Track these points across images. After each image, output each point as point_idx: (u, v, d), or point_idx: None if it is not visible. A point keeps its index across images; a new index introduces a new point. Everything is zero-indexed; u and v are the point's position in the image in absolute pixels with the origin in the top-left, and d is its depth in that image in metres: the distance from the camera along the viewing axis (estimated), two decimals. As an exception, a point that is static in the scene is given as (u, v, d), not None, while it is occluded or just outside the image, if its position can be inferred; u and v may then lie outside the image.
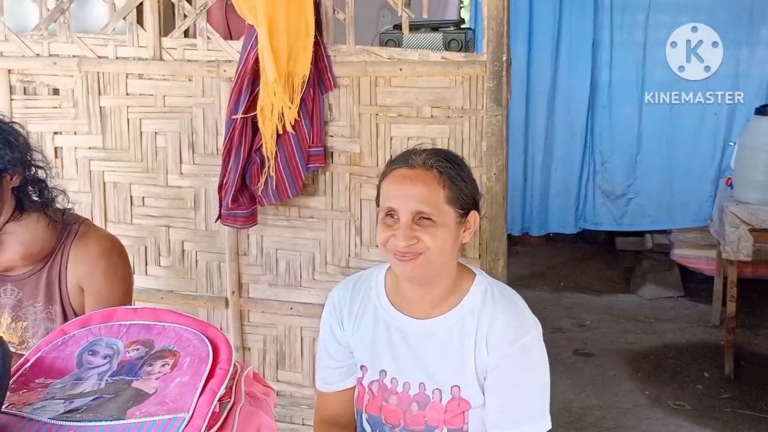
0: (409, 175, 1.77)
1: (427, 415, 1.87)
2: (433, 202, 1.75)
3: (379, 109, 2.80)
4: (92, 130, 3.04)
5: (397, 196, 1.77)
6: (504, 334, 1.81)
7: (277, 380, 3.06)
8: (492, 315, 1.83)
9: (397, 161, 1.84)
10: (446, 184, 1.77)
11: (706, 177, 5.75)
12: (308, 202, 2.92)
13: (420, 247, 1.75)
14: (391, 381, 1.90)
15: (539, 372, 1.83)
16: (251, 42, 2.71)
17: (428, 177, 1.76)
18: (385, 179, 1.83)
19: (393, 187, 1.79)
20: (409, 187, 1.76)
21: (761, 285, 5.10)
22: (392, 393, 1.90)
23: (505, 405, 1.80)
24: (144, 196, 3.06)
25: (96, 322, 1.55)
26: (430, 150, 1.84)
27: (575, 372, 4.27)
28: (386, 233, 1.78)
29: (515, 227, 6.06)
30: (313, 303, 2.96)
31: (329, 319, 2.00)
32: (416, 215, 1.75)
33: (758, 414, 3.77)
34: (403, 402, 1.89)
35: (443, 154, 1.84)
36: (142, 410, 1.31)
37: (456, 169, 1.80)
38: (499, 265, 2.72)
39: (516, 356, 1.80)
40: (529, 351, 1.81)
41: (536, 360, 1.83)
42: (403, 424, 1.90)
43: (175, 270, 3.09)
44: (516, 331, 1.81)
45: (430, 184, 1.76)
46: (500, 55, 2.64)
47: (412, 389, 1.88)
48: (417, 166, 1.78)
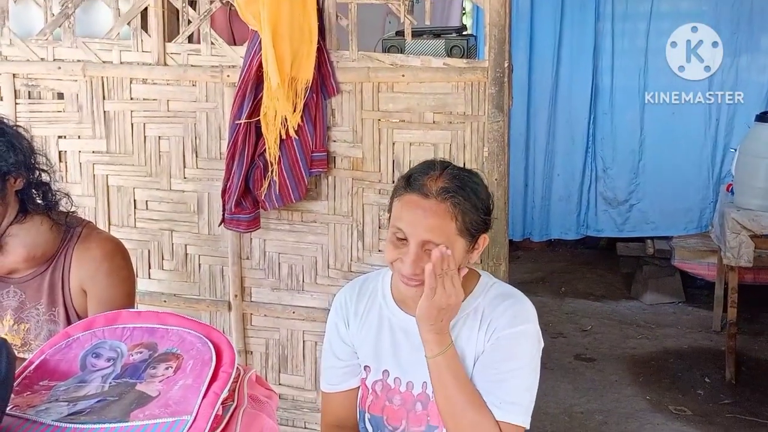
0: (423, 205, 1.76)
1: (429, 414, 1.89)
2: (443, 235, 1.75)
3: (381, 114, 2.81)
4: (96, 135, 3.06)
5: (408, 222, 1.76)
6: (499, 321, 1.84)
7: (279, 384, 3.07)
8: (493, 307, 1.86)
9: (413, 184, 1.79)
10: (458, 217, 1.76)
11: (707, 183, 5.76)
12: (311, 207, 2.93)
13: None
14: (395, 381, 1.92)
15: (527, 364, 1.84)
16: (255, 47, 2.72)
17: (441, 210, 1.75)
18: (398, 200, 1.81)
19: (404, 212, 1.78)
20: (421, 218, 1.75)
21: (762, 291, 5.11)
22: (396, 393, 1.92)
23: (490, 384, 1.81)
24: (147, 200, 3.07)
25: (100, 325, 1.56)
26: (448, 175, 1.79)
27: (576, 377, 4.27)
28: (394, 254, 1.79)
29: (516, 233, 6.08)
30: (315, 307, 2.97)
31: (335, 319, 2.02)
32: (425, 244, 1.76)
33: (759, 420, 3.78)
34: (407, 402, 1.91)
35: (461, 181, 1.79)
36: (145, 413, 1.33)
37: (471, 200, 1.78)
38: (500, 270, 2.73)
39: (507, 340, 1.82)
40: (520, 340, 1.83)
41: (524, 351, 1.84)
42: (405, 425, 1.91)
43: (178, 273, 3.10)
44: (513, 319, 1.83)
45: (442, 218, 1.75)
46: (502, 61, 2.65)
47: (416, 389, 1.90)
48: (431, 196, 1.75)
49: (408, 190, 1.80)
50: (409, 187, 1.80)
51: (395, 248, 1.79)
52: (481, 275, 1.94)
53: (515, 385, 1.81)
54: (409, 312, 1.90)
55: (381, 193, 2.85)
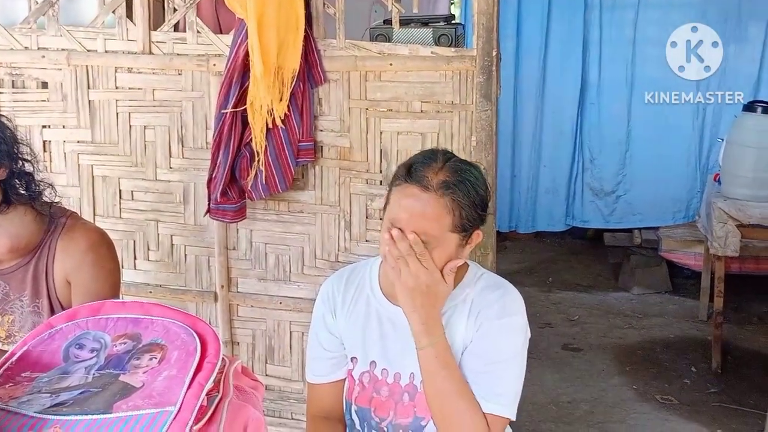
0: (421, 198, 1.74)
1: (417, 406, 1.88)
2: (438, 230, 1.74)
3: (368, 103, 2.80)
4: (81, 124, 3.03)
5: (404, 214, 1.75)
6: (487, 312, 1.83)
7: (266, 374, 3.06)
8: (481, 297, 1.86)
9: (413, 176, 1.77)
10: (456, 212, 1.75)
11: (694, 173, 5.77)
12: (297, 197, 2.92)
13: None
14: (382, 372, 1.91)
15: (515, 355, 1.83)
16: (241, 36, 2.70)
17: (439, 205, 1.74)
18: (397, 190, 1.79)
19: (402, 202, 1.76)
20: (418, 211, 1.74)
21: (748, 280, 5.13)
22: (383, 384, 1.91)
23: (475, 379, 1.80)
24: (133, 190, 3.05)
25: (83, 316, 1.55)
26: (450, 169, 1.77)
27: (564, 366, 4.28)
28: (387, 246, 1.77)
29: (503, 224, 6.07)
30: (302, 297, 2.96)
31: (322, 309, 2.01)
32: (419, 235, 1.74)
33: (744, 408, 3.79)
34: (395, 393, 1.90)
35: (461, 175, 1.77)
36: (128, 404, 1.32)
37: (470, 196, 1.76)
38: (488, 260, 2.73)
39: (496, 332, 1.81)
40: (508, 332, 1.83)
41: (512, 343, 1.83)
42: (392, 416, 1.90)
43: (164, 264, 3.08)
44: (501, 310, 1.83)
45: (439, 213, 1.74)
46: (490, 50, 2.64)
47: (403, 380, 1.89)
48: (430, 189, 1.74)
49: (408, 180, 1.77)
50: (410, 177, 1.77)
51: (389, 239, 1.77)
52: (469, 265, 1.94)
53: (503, 377, 1.80)
54: (396, 303, 1.89)
55: (368, 182, 2.83)
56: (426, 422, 1.88)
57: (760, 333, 4.68)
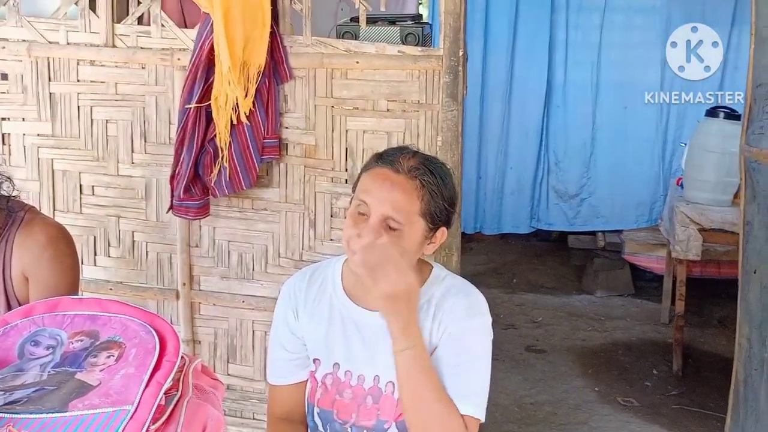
0: (391, 178, 1.75)
1: (380, 408, 1.86)
2: (406, 212, 1.74)
3: (334, 101, 2.78)
4: (41, 117, 2.98)
5: (373, 194, 1.75)
6: (453, 314, 1.82)
7: (228, 374, 3.03)
8: (445, 299, 1.85)
9: (384, 159, 1.79)
10: (425, 197, 1.75)
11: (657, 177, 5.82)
12: (262, 194, 2.89)
13: None
14: (345, 374, 1.89)
15: (482, 356, 1.82)
16: (206, 30, 2.67)
17: (409, 186, 1.74)
18: (367, 173, 1.80)
19: (372, 184, 1.76)
20: (387, 191, 1.74)
21: (709, 284, 5.18)
22: (346, 386, 1.89)
23: (445, 383, 1.78)
24: (94, 185, 3.00)
25: (39, 312, 1.52)
26: (421, 158, 1.80)
27: (527, 368, 4.29)
28: (352, 230, 1.75)
29: (469, 226, 6.08)
30: (265, 296, 2.93)
31: (284, 309, 1.97)
32: (386, 219, 1.73)
33: (704, 411, 3.83)
34: (358, 396, 1.88)
35: (431, 165, 1.80)
36: (84, 402, 1.29)
37: (439, 186, 1.77)
38: (452, 261, 2.72)
39: (461, 334, 1.81)
40: (474, 334, 1.82)
41: (480, 343, 1.83)
42: (354, 419, 1.88)
43: (125, 261, 3.03)
44: (465, 312, 1.82)
45: (408, 194, 1.74)
46: (457, 50, 2.64)
47: (367, 382, 1.87)
48: (401, 171, 1.75)
49: (379, 163, 1.79)
50: (381, 160, 1.80)
51: (354, 224, 1.76)
52: (433, 266, 1.93)
53: (472, 379, 1.80)
54: (360, 304, 1.88)
55: (333, 181, 2.82)
56: (389, 426, 1.86)
57: (720, 336, 4.73)
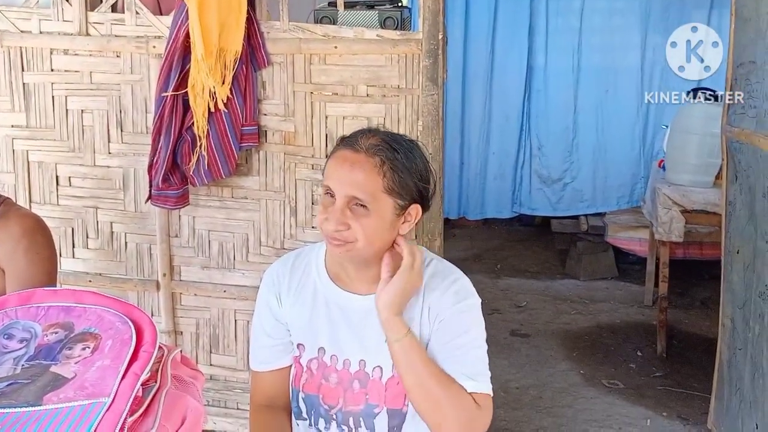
0: (351, 158, 1.73)
1: (368, 393, 1.84)
2: (369, 190, 1.71)
3: (313, 87, 2.75)
4: (15, 108, 2.93)
5: (335, 177, 1.73)
6: (443, 300, 1.81)
7: (210, 364, 3.00)
8: (432, 285, 1.82)
9: (345, 142, 1.78)
10: (387, 174, 1.72)
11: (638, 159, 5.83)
12: (241, 183, 2.86)
13: (349, 235, 1.72)
14: (331, 358, 1.87)
15: (479, 333, 1.82)
16: (181, 17, 2.63)
17: (369, 164, 1.72)
18: (331, 158, 1.79)
19: (333, 168, 1.75)
20: (348, 171, 1.72)
21: (692, 265, 5.20)
22: (332, 371, 1.87)
23: (446, 361, 1.77)
24: (70, 176, 2.96)
25: (12, 305, 1.48)
26: (382, 135, 1.78)
27: (512, 352, 4.29)
28: (322, 215, 1.74)
29: (452, 211, 6.08)
30: (246, 285, 2.90)
31: (267, 295, 1.95)
32: (350, 200, 1.72)
33: (688, 391, 3.84)
34: (344, 380, 1.86)
35: (393, 141, 1.77)
36: (59, 395, 1.25)
37: (401, 160, 1.74)
38: (435, 246, 2.70)
39: (454, 317, 1.79)
40: (467, 314, 1.81)
41: (474, 322, 1.82)
42: (341, 404, 1.86)
43: (104, 252, 3.00)
44: (454, 296, 1.81)
45: (369, 172, 1.71)
46: (436, 33, 2.61)
47: (353, 366, 1.85)
48: (360, 150, 1.73)
49: (340, 146, 1.78)
50: (342, 143, 1.78)
51: (324, 209, 1.75)
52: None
53: (476, 356, 1.79)
54: (345, 288, 1.86)
55: (314, 168, 2.79)
56: (380, 410, 1.84)
57: (703, 317, 4.75)
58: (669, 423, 3.58)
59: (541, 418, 3.61)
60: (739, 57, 2.91)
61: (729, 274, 3.04)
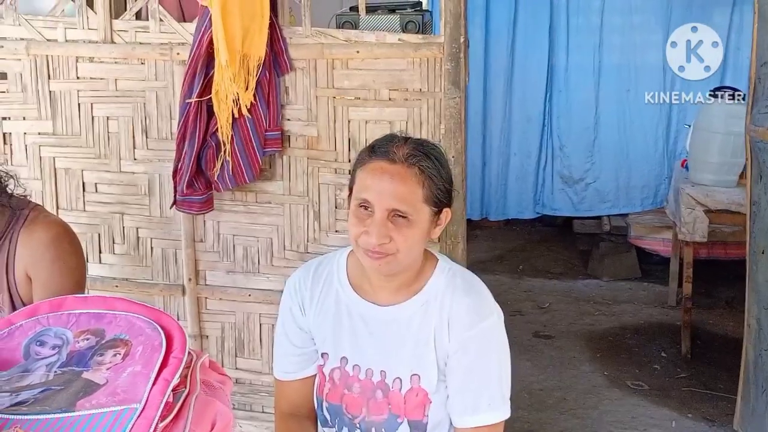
0: (390, 170, 1.71)
1: (391, 403, 1.84)
2: (411, 201, 1.71)
3: (336, 92, 2.76)
4: (42, 116, 2.96)
5: (375, 190, 1.71)
6: (464, 319, 1.79)
7: (236, 368, 3.02)
8: (453, 300, 1.81)
9: (378, 152, 1.75)
10: (425, 183, 1.72)
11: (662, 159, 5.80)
12: (265, 187, 2.87)
13: (391, 247, 1.71)
14: (353, 368, 1.87)
15: (499, 358, 1.80)
16: (205, 24, 2.65)
17: (408, 175, 1.71)
18: (363, 168, 1.76)
19: (371, 180, 1.73)
20: (388, 183, 1.70)
21: (716, 265, 5.17)
22: (355, 380, 1.86)
23: (464, 390, 1.78)
24: (96, 183, 2.99)
25: (44, 312, 1.51)
26: (413, 143, 1.76)
27: (535, 354, 4.29)
28: (359, 228, 1.73)
29: (474, 212, 6.08)
30: (271, 289, 2.92)
31: (289, 303, 1.94)
32: (391, 212, 1.71)
33: (714, 392, 3.82)
34: (367, 390, 1.85)
35: (425, 149, 1.77)
36: (92, 401, 1.28)
37: (436, 168, 1.75)
38: (458, 249, 2.71)
39: (475, 341, 1.78)
40: (488, 336, 1.79)
41: (496, 346, 1.81)
42: (365, 414, 1.86)
43: (130, 258, 3.03)
44: (476, 315, 1.79)
45: (409, 183, 1.71)
46: (458, 36, 2.61)
47: (375, 376, 1.85)
48: (398, 161, 1.71)
49: (373, 157, 1.75)
50: (374, 154, 1.75)
51: (360, 222, 1.73)
52: (438, 260, 1.89)
53: (490, 385, 1.78)
54: (366, 298, 1.86)
55: (337, 172, 2.80)
56: (401, 420, 1.84)
57: (728, 318, 4.72)
58: (694, 424, 3.56)
59: (565, 420, 3.61)
60: (763, 56, 2.90)
61: (754, 274, 3.02)
